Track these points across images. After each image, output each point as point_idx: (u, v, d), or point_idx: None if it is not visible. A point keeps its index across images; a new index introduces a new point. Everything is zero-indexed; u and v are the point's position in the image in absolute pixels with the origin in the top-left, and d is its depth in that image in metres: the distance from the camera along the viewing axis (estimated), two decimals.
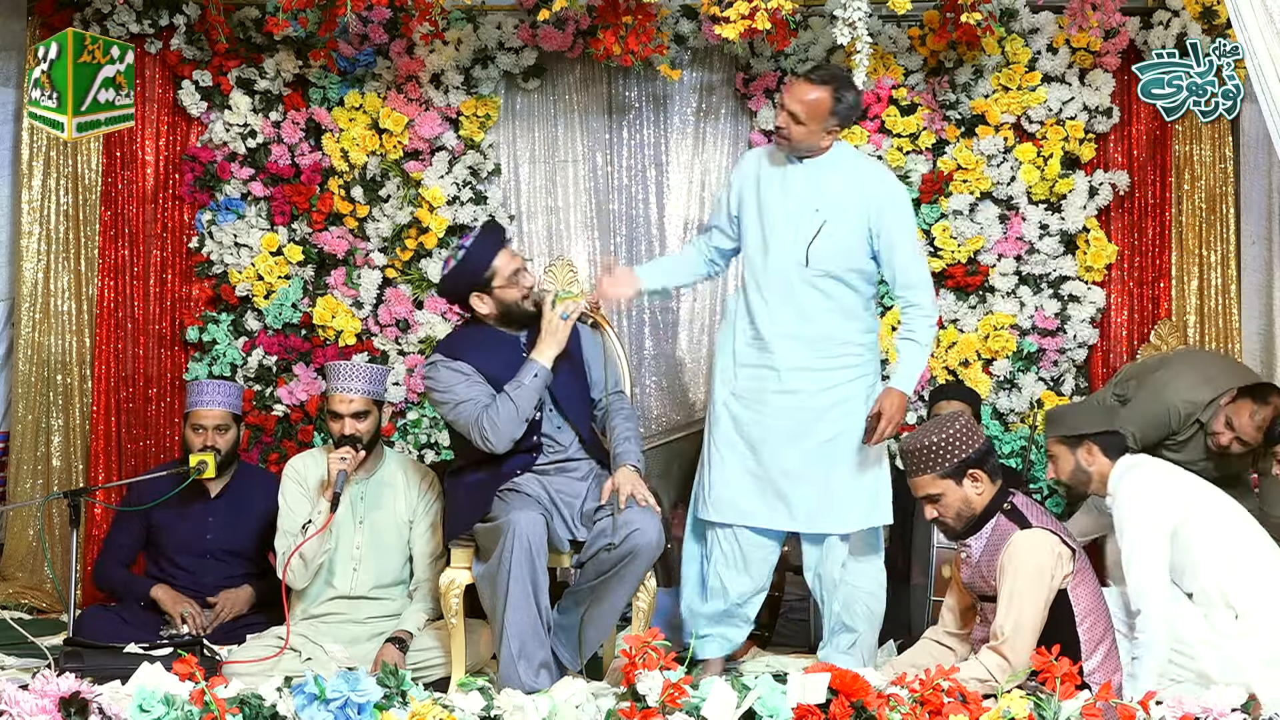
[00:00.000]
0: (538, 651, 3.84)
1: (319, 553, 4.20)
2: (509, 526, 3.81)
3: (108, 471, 5.70)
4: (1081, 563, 3.61)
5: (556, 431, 4.17)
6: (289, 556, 4.13)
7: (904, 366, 4.19)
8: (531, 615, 3.82)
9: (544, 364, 4.05)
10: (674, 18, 5.74)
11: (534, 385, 4.03)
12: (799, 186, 4.24)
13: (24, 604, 5.35)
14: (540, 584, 3.85)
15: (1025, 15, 5.69)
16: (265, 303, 5.80)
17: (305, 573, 4.20)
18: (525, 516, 3.84)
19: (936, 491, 3.64)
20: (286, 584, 4.17)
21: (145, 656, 4.04)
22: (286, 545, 4.21)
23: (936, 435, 3.61)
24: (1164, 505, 3.83)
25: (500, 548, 3.81)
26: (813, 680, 3.16)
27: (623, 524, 3.86)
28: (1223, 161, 5.69)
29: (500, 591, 3.82)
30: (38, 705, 3.10)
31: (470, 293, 4.16)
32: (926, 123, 5.73)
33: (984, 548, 3.64)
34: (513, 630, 3.80)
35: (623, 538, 3.85)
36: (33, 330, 5.76)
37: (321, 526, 4.14)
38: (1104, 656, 3.58)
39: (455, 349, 4.18)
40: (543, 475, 4.11)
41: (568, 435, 4.18)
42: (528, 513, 3.86)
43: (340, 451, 4.21)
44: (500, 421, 4.01)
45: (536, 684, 3.74)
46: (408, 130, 5.74)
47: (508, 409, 4.01)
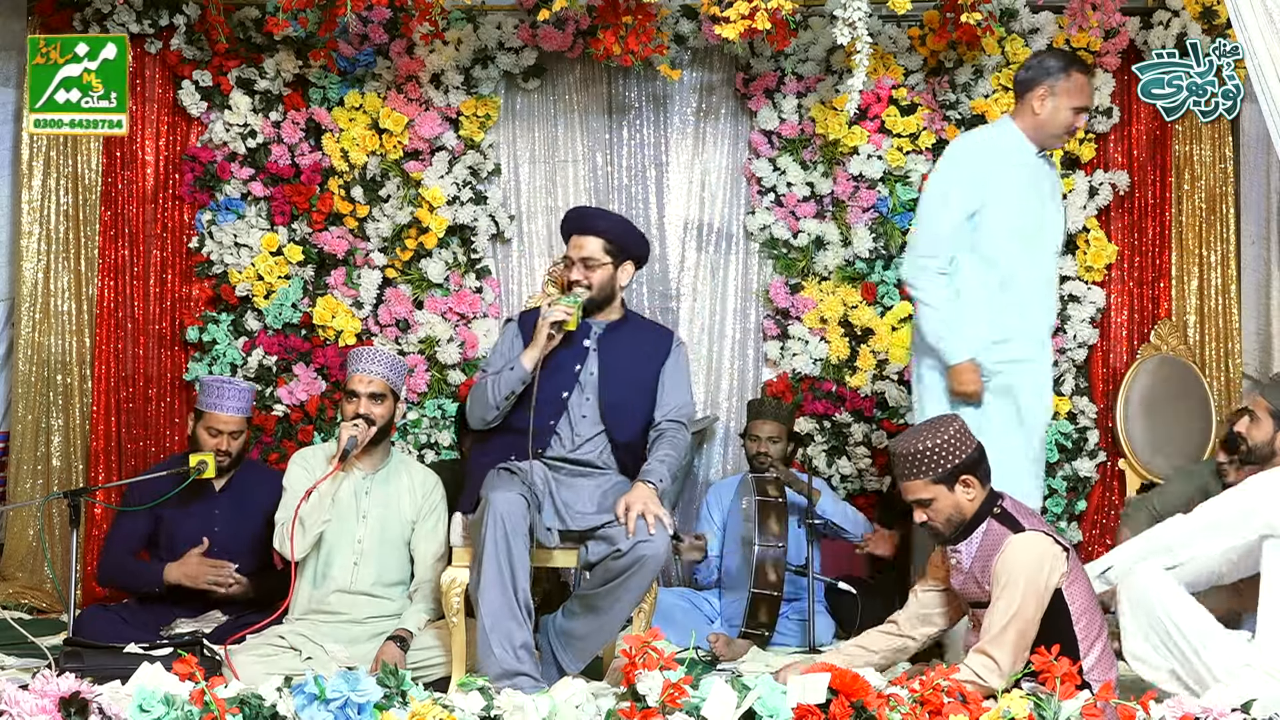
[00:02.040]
0: (517, 631, 3.78)
1: (318, 521, 4.18)
2: (488, 504, 3.82)
3: (108, 471, 5.70)
4: (1075, 562, 3.60)
5: (577, 433, 4.14)
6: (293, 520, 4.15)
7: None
8: (507, 595, 3.78)
9: (523, 361, 4.08)
10: (674, 18, 5.75)
11: (507, 377, 4.08)
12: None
13: (24, 604, 5.35)
14: (518, 565, 3.80)
15: (1025, 15, 5.69)
16: (265, 303, 5.80)
17: (303, 540, 4.19)
18: (502, 496, 3.82)
19: (928, 497, 3.62)
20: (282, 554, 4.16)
21: (145, 656, 4.03)
22: (287, 518, 4.21)
23: (930, 440, 3.59)
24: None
25: (484, 529, 3.81)
26: (813, 680, 3.16)
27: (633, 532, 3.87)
28: (1223, 161, 5.69)
29: (475, 570, 3.83)
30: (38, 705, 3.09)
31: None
32: (926, 123, 5.74)
33: (975, 554, 3.62)
34: (486, 609, 3.77)
35: (630, 545, 3.84)
36: (33, 330, 5.77)
37: (326, 476, 4.16)
38: (1100, 654, 3.57)
39: (527, 313, 4.31)
40: (554, 468, 4.11)
41: (596, 442, 4.15)
42: (506, 492, 3.84)
43: (354, 420, 4.24)
44: (474, 398, 4.15)
45: (518, 665, 3.72)
46: (408, 130, 5.74)
47: (481, 390, 4.13)
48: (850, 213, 5.78)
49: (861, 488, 5.79)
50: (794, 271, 5.83)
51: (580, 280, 4.14)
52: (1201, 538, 3.69)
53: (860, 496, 5.77)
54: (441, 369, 5.82)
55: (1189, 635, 3.53)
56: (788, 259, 5.83)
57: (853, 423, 5.79)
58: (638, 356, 4.20)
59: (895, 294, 5.76)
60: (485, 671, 3.74)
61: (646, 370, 4.20)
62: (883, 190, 5.78)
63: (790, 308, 5.83)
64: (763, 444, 5.17)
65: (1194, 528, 3.70)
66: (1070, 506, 5.71)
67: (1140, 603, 3.57)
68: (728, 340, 6.00)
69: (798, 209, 5.81)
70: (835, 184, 5.77)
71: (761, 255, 5.94)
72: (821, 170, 5.78)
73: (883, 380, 5.77)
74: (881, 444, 5.75)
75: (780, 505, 4.78)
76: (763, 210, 5.84)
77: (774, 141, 5.83)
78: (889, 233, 5.76)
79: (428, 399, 5.80)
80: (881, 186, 5.78)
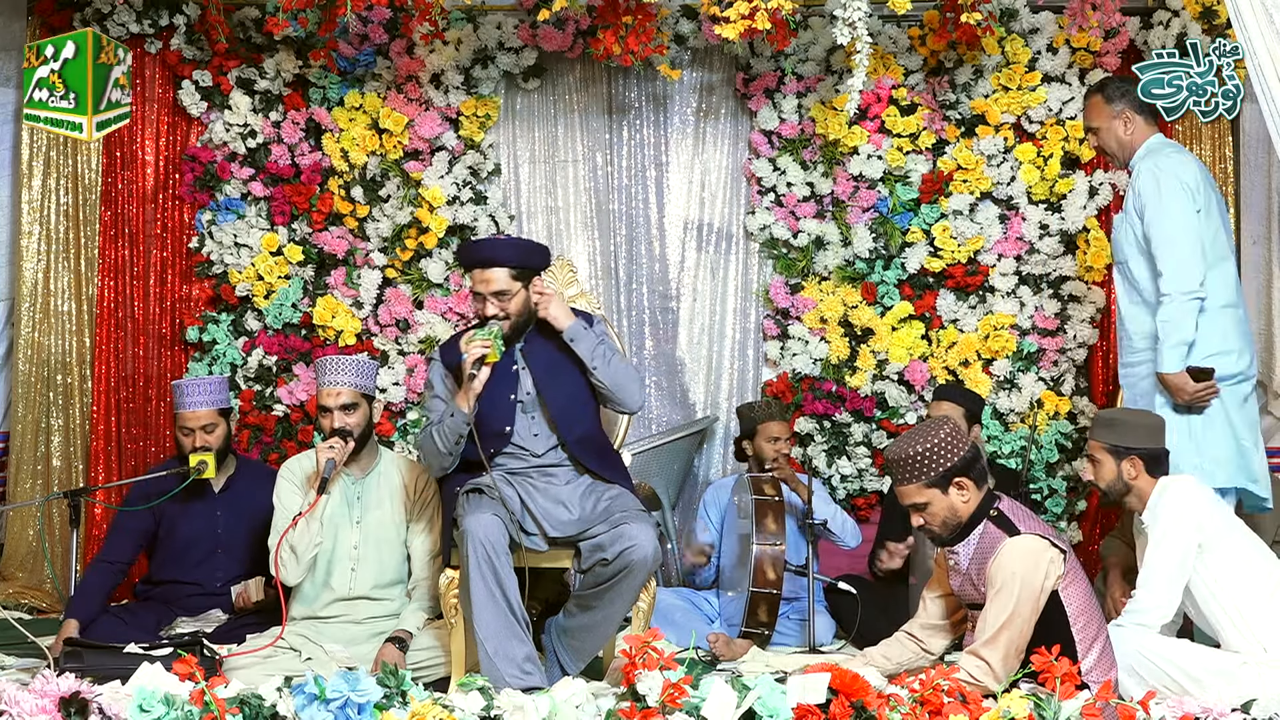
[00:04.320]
0: (518, 648, 3.79)
1: (309, 545, 4.17)
2: (465, 532, 3.82)
3: (108, 471, 5.70)
4: (1072, 563, 3.60)
5: (532, 438, 4.13)
6: (277, 546, 4.14)
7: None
8: (501, 613, 3.79)
9: (460, 406, 3.98)
10: (674, 18, 5.75)
11: (450, 424, 4.00)
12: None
13: (24, 604, 5.35)
14: (507, 583, 3.82)
15: (1025, 15, 5.69)
16: (265, 303, 5.80)
17: (297, 566, 4.18)
18: (477, 520, 3.82)
19: (923, 500, 3.61)
20: (279, 580, 4.16)
21: (145, 656, 4.03)
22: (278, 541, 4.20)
23: (921, 444, 3.58)
24: (1201, 519, 3.78)
25: (465, 555, 3.82)
26: (813, 680, 3.16)
27: (618, 538, 3.86)
28: (1223, 161, 5.69)
29: (464, 598, 3.84)
30: (38, 705, 3.10)
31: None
32: (926, 123, 5.73)
33: (972, 556, 3.62)
34: (484, 632, 3.78)
35: (617, 554, 3.85)
36: (33, 330, 5.77)
37: (306, 510, 4.14)
38: (1099, 655, 3.57)
39: (446, 347, 4.21)
40: (517, 477, 4.09)
41: (545, 441, 4.13)
42: (480, 516, 3.84)
43: (330, 441, 4.22)
44: (425, 452, 4.11)
45: (526, 680, 3.72)
46: (408, 130, 5.74)
47: (429, 443, 4.07)
48: (850, 213, 5.78)
49: (861, 488, 5.79)
50: (794, 271, 5.83)
51: (498, 313, 4.06)
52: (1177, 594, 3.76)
53: (860, 497, 5.77)
54: None
55: (1188, 669, 3.57)
56: (788, 259, 5.83)
57: (853, 423, 5.79)
58: (564, 354, 4.13)
59: (895, 294, 5.76)
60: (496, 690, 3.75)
61: (574, 365, 4.12)
62: (883, 190, 5.78)
63: (790, 308, 5.83)
64: (781, 444, 5.15)
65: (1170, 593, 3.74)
66: (1070, 506, 5.71)
67: (1133, 667, 3.62)
68: (728, 340, 6.00)
69: (798, 209, 5.81)
70: (835, 184, 5.77)
71: (761, 255, 5.94)
72: (821, 170, 5.78)
73: (883, 380, 5.77)
74: (881, 444, 5.75)
75: (778, 504, 4.78)
76: (763, 210, 5.84)
77: (774, 141, 5.83)
78: (889, 233, 5.76)
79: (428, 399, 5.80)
80: (881, 186, 5.78)
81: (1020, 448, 5.61)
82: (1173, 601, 3.75)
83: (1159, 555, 3.77)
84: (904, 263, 5.75)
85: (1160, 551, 3.77)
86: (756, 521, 4.71)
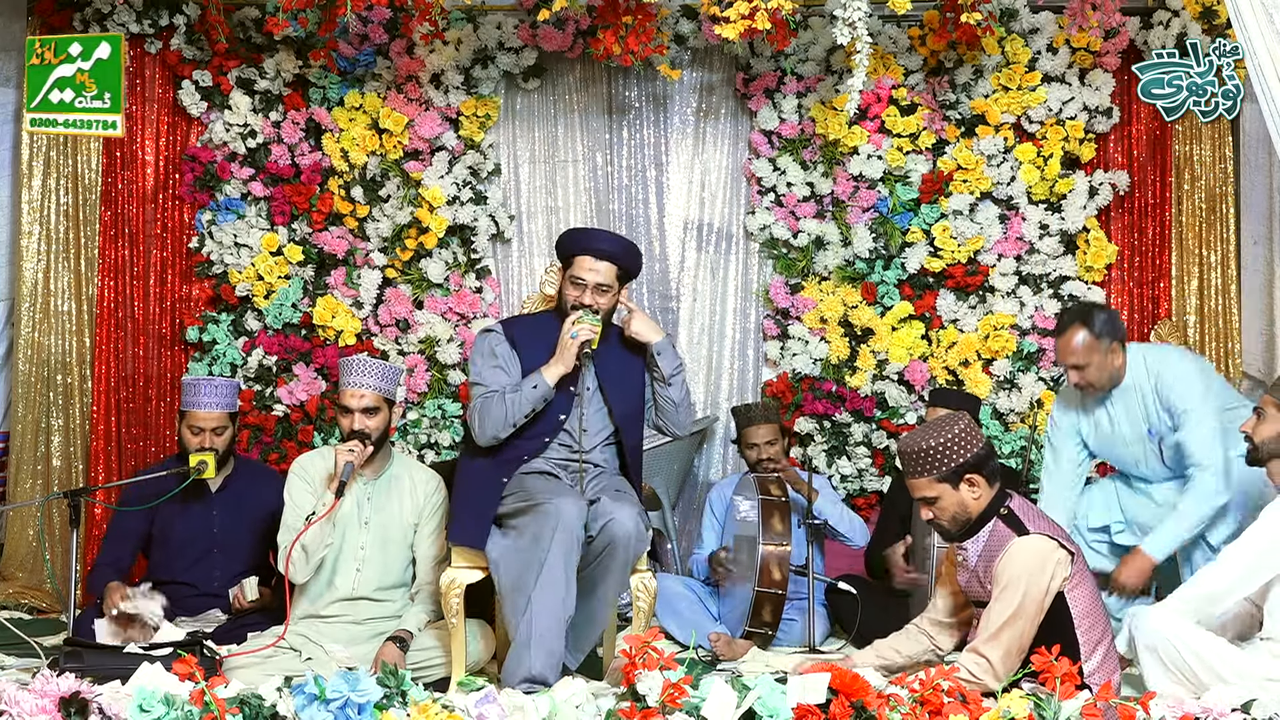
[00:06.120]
0: (556, 644, 3.79)
1: (320, 545, 4.17)
2: (555, 513, 3.81)
3: (108, 471, 5.70)
4: (1080, 564, 3.60)
5: (581, 433, 4.14)
6: (291, 546, 4.13)
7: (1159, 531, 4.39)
8: (558, 599, 3.79)
9: (546, 379, 4.04)
10: (674, 18, 5.75)
11: (530, 395, 4.03)
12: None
13: (24, 604, 5.34)
14: (573, 577, 3.84)
15: (1025, 15, 5.69)
16: (265, 303, 5.80)
17: (306, 566, 4.17)
18: (566, 504, 3.84)
19: (933, 495, 3.63)
20: (289, 579, 4.16)
21: (145, 656, 4.03)
22: (289, 540, 4.20)
23: (935, 438, 3.59)
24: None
25: (542, 530, 3.80)
26: (813, 680, 3.16)
27: (599, 514, 3.89)
28: (1223, 161, 5.69)
29: (532, 574, 3.79)
30: (38, 705, 3.10)
31: (564, 259, 4.23)
32: (926, 123, 5.74)
33: (980, 553, 3.63)
34: (539, 607, 3.76)
35: (599, 529, 3.87)
36: (33, 330, 5.76)
37: (324, 514, 4.13)
38: (1103, 657, 3.57)
39: (509, 323, 4.27)
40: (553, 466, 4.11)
41: (589, 439, 4.14)
42: (566, 500, 3.85)
43: (349, 444, 4.21)
44: (489, 418, 4.04)
45: (547, 676, 3.71)
46: (408, 130, 5.74)
47: (499, 409, 4.03)
48: (850, 213, 5.78)
49: (861, 488, 5.79)
50: (794, 271, 5.83)
51: (591, 305, 4.11)
52: (1242, 584, 3.67)
53: (860, 497, 5.77)
54: (441, 369, 5.82)
55: (1211, 663, 3.51)
56: (788, 259, 5.83)
57: (853, 423, 5.79)
58: (629, 365, 4.21)
59: (895, 294, 5.76)
60: (513, 670, 3.74)
61: (640, 376, 4.22)
62: (883, 190, 5.78)
63: (790, 308, 5.83)
64: (762, 449, 5.15)
65: (1232, 576, 3.66)
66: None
67: (1155, 646, 3.56)
68: (728, 340, 6.00)
69: (798, 209, 5.81)
70: (835, 184, 5.77)
71: (761, 255, 5.94)
72: (821, 170, 5.78)
73: (882, 380, 5.77)
74: (881, 444, 5.75)
75: (783, 504, 4.78)
76: (763, 210, 5.84)
77: (774, 141, 5.83)
78: (889, 233, 5.76)
79: (428, 399, 5.80)
80: (881, 186, 5.78)
81: (1020, 448, 5.61)
82: (1249, 586, 3.66)
83: (1259, 535, 3.66)
84: (904, 263, 5.75)
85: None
86: (763, 521, 4.71)
